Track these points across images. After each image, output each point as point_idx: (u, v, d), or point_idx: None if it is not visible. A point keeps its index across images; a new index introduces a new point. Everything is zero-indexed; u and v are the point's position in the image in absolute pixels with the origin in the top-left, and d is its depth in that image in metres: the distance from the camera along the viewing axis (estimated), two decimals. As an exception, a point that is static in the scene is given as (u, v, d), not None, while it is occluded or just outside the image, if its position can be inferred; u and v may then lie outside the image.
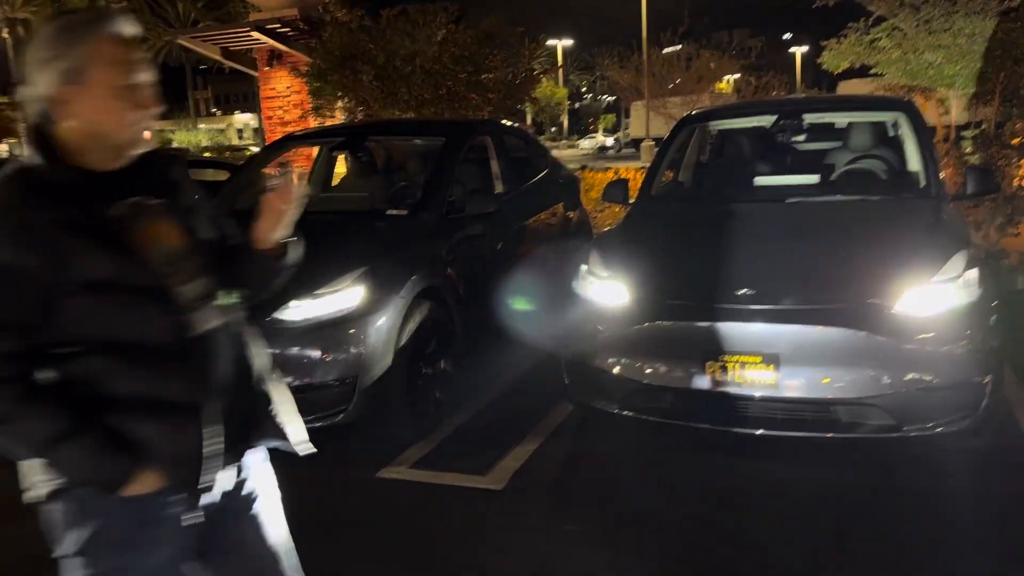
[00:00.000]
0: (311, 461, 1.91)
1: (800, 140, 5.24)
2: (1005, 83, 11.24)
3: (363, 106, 10.81)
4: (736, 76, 35.77)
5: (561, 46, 38.16)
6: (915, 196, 4.42)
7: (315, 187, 6.34)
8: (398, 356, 4.23)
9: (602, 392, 3.89)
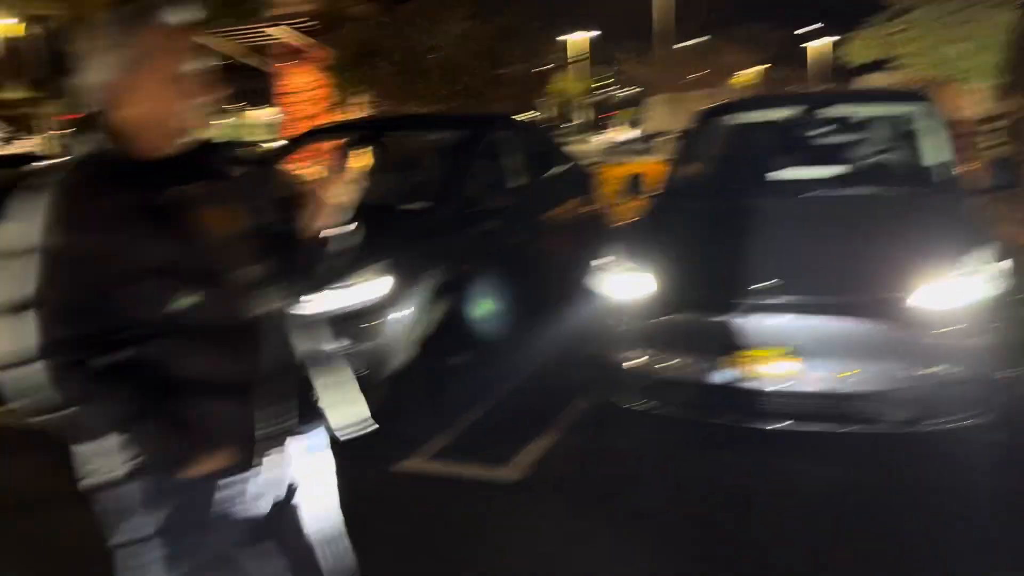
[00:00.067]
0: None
1: (823, 133, 5.20)
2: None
3: (383, 101, 10.86)
4: (764, 67, 35.56)
5: (588, 38, 37.89)
6: (936, 189, 4.38)
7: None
8: (417, 349, 4.26)
9: (621, 386, 3.90)
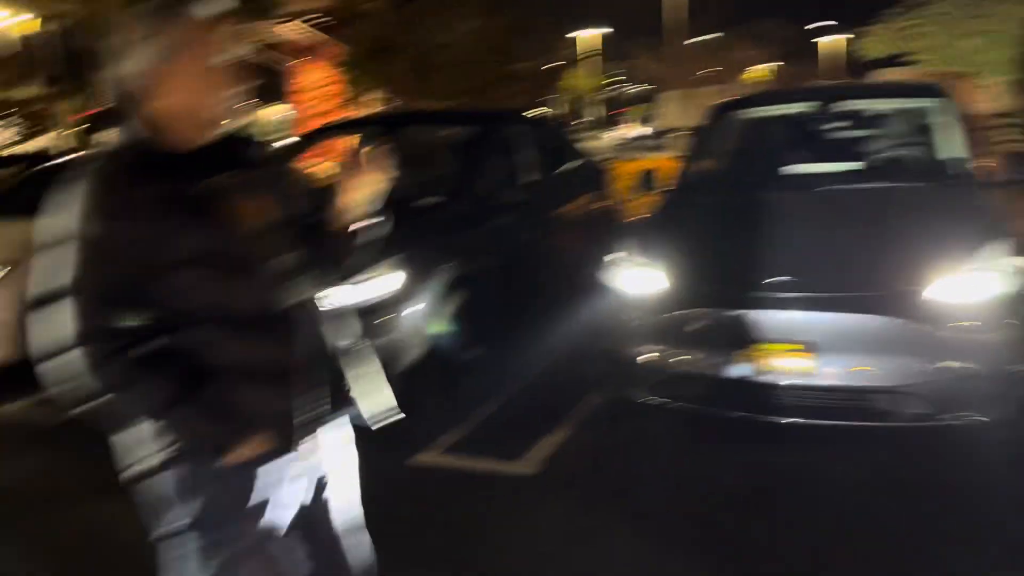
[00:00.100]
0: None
1: (837, 127, 5.16)
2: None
3: (396, 97, 10.89)
4: (777, 64, 35.41)
5: (592, 36, 37.82)
6: (952, 183, 4.35)
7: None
8: (430, 344, 4.27)
9: (634, 380, 3.89)
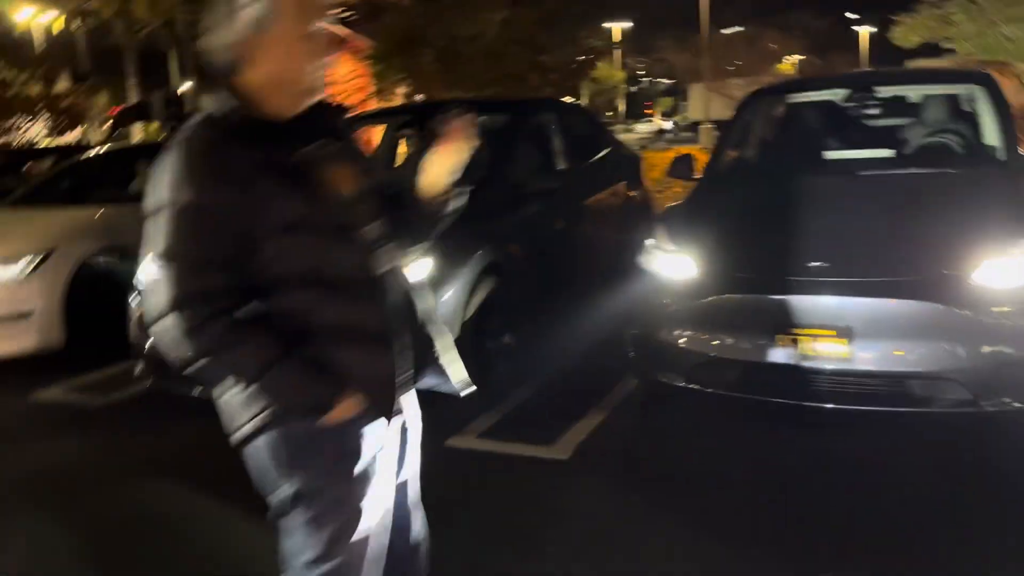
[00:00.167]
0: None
1: (873, 114, 5.10)
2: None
3: (425, 88, 10.92)
4: (801, 57, 35.02)
5: (620, 28, 37.65)
6: (993, 169, 4.28)
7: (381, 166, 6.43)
8: (463, 329, 4.28)
9: (668, 366, 3.88)
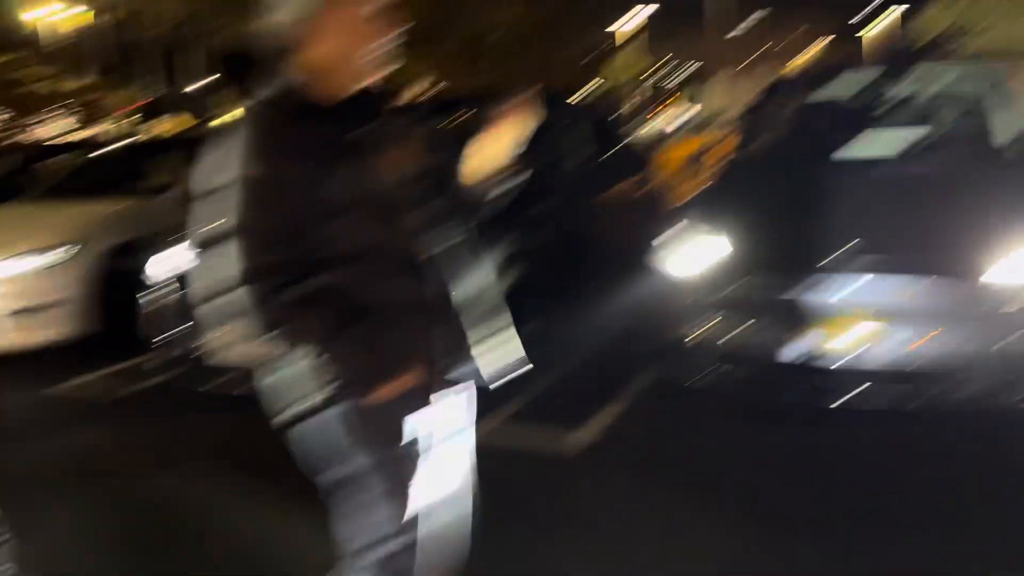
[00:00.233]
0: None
1: (892, 106, 5.04)
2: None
3: (445, 79, 10.93)
4: (824, 45, 34.66)
5: (646, 17, 37.35)
6: (1016, 163, 4.24)
7: None
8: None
9: (688, 358, 3.89)
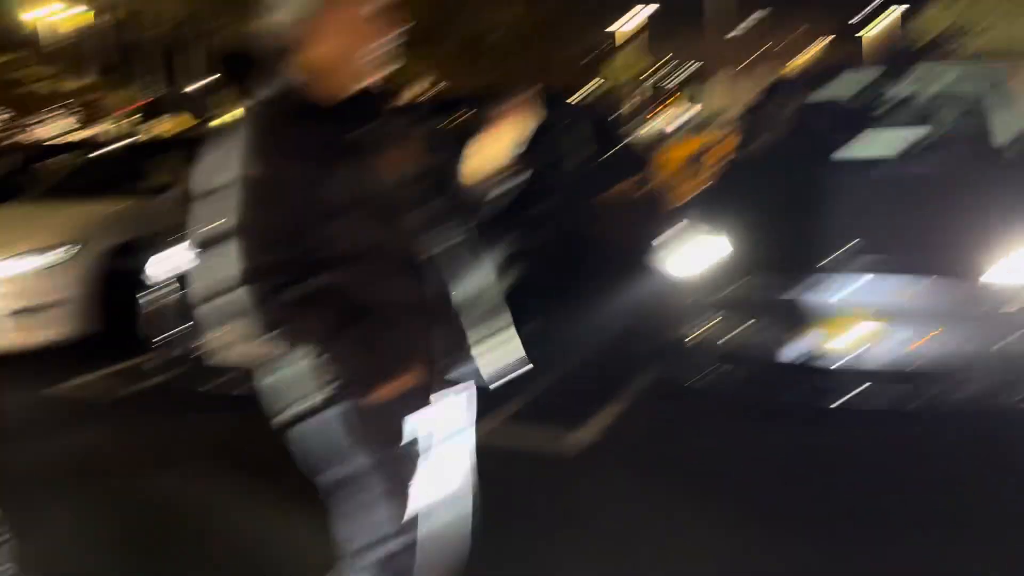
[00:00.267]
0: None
1: (893, 106, 5.04)
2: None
3: (445, 79, 10.94)
4: (824, 45, 34.70)
5: (645, 17, 37.38)
6: (1016, 163, 4.24)
7: None
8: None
9: (688, 359, 3.89)
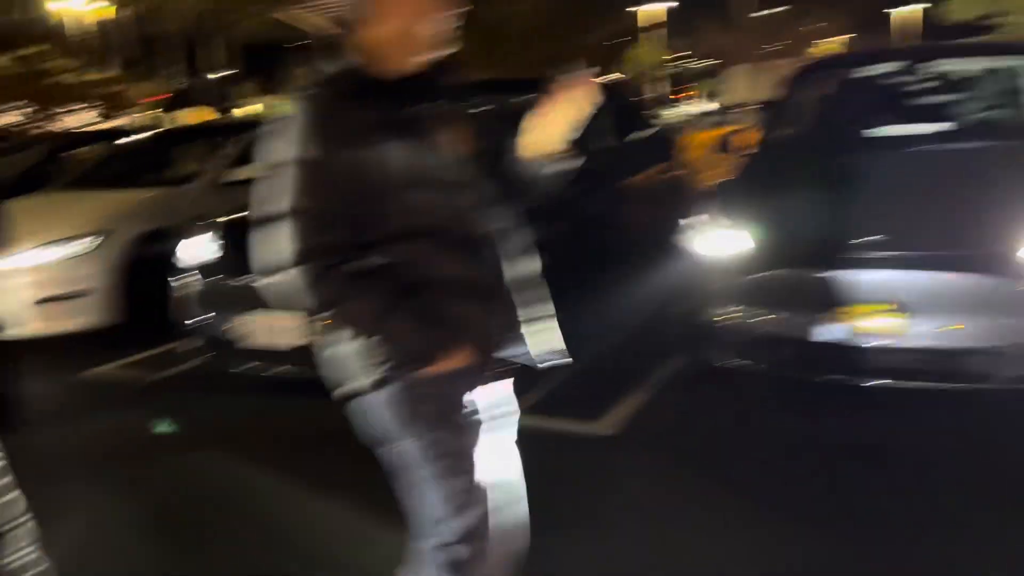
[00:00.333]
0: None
1: (926, 88, 4.97)
2: None
3: (465, 67, 10.93)
4: (847, 36, 34.40)
5: (665, 7, 37.23)
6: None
7: None
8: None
9: (716, 344, 3.84)
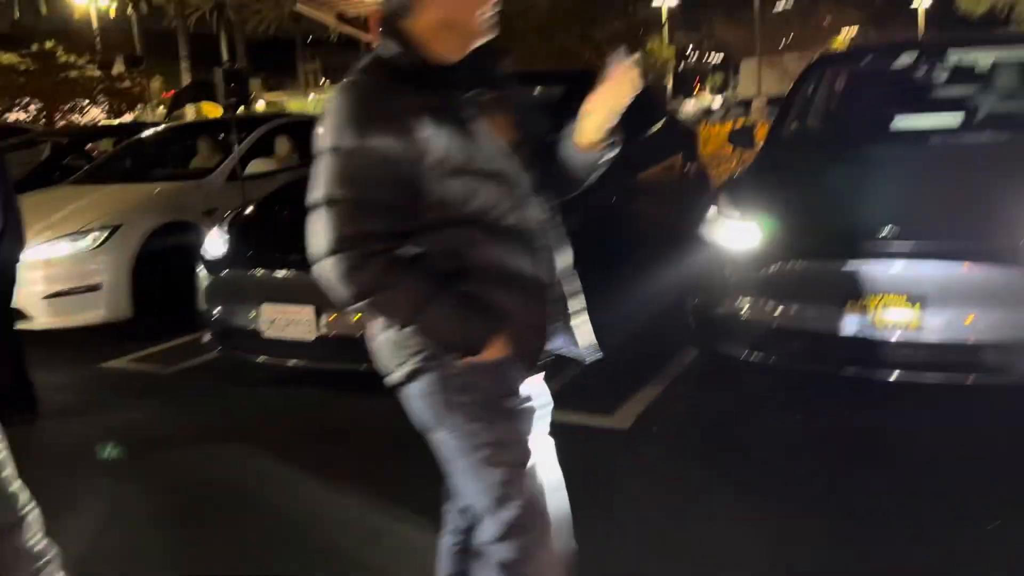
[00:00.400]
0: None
1: (943, 80, 4.96)
2: None
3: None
4: (860, 28, 34.17)
5: (666, 5, 37.16)
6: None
7: None
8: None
9: (731, 336, 3.84)
